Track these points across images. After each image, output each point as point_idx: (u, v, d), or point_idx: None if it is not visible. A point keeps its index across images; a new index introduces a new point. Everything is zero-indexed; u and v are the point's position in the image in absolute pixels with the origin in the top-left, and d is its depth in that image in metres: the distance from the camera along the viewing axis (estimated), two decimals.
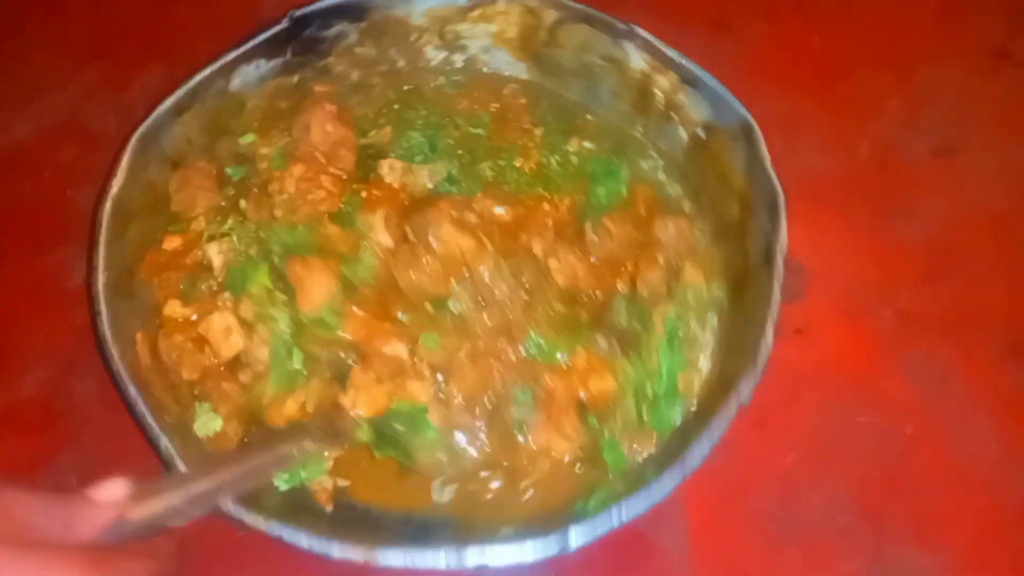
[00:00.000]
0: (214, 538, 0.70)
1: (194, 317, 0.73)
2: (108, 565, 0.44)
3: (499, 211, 0.78)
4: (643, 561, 0.72)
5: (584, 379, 0.72)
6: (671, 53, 0.79)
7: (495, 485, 0.71)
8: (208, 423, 0.70)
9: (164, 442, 0.63)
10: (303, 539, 0.60)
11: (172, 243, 0.77)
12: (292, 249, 0.74)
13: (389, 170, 0.81)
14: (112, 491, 0.48)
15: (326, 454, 0.70)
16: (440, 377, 0.72)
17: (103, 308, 0.67)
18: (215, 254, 0.75)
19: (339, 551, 0.60)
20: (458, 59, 0.91)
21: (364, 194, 0.79)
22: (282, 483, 0.69)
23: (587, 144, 0.86)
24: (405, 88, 0.89)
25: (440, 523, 0.70)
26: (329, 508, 0.69)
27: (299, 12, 0.81)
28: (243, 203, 0.79)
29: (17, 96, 0.95)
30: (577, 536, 0.61)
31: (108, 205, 0.72)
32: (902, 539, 0.73)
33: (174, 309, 0.74)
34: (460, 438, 0.71)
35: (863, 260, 0.85)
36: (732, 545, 0.73)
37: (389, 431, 0.70)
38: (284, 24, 0.80)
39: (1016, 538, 0.73)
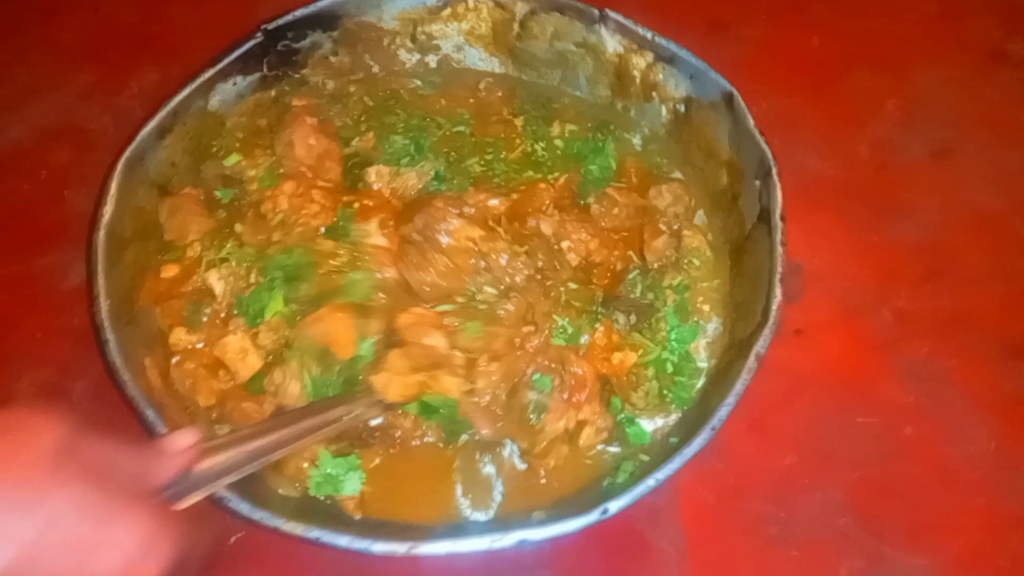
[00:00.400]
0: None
1: (200, 345, 0.74)
2: (173, 524, 0.45)
3: (494, 203, 0.79)
4: (640, 561, 0.72)
5: (607, 355, 0.73)
6: (645, 33, 0.80)
7: (520, 467, 0.72)
8: None
9: None
10: (343, 540, 0.60)
11: (170, 271, 0.77)
12: (292, 272, 0.75)
13: (376, 176, 0.81)
14: (183, 440, 0.51)
15: (372, 419, 0.71)
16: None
17: (110, 336, 0.67)
18: (215, 280, 0.75)
19: (381, 547, 0.60)
20: (432, 60, 0.91)
21: (357, 205, 0.79)
22: (313, 488, 0.69)
23: (570, 126, 0.87)
24: (382, 94, 0.90)
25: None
26: (358, 516, 0.69)
27: (271, 24, 0.81)
28: (238, 227, 0.78)
29: (13, 97, 0.95)
30: (616, 503, 0.61)
31: (102, 233, 0.71)
32: (900, 540, 0.73)
33: (180, 337, 0.74)
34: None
35: (861, 261, 0.86)
36: (729, 546, 0.73)
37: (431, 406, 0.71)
38: (257, 38, 0.81)
39: (1013, 540, 0.73)
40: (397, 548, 0.60)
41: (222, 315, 0.75)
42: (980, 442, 0.77)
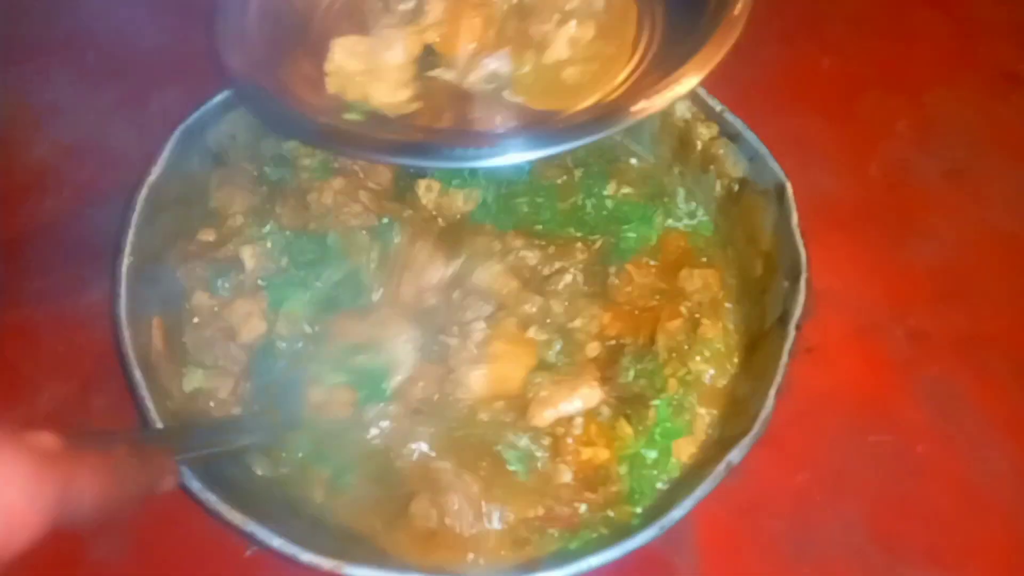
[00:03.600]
0: (222, 557, 0.71)
1: (217, 309, 0.75)
2: (61, 472, 0.39)
3: (528, 254, 0.79)
4: None
5: (578, 447, 0.70)
6: (715, 104, 0.79)
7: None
8: (193, 381, 0.72)
9: (159, 426, 0.64)
10: (363, 571, 0.60)
11: (206, 235, 0.79)
12: (320, 255, 0.76)
13: (426, 191, 0.81)
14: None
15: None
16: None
17: (122, 291, 0.69)
18: (248, 256, 0.77)
19: None
20: None
21: (406, 213, 0.80)
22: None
23: (625, 189, 0.85)
24: None
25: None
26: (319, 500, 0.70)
27: None
28: (278, 208, 0.80)
29: (37, 115, 0.96)
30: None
31: (144, 191, 0.73)
32: (915, 560, 0.73)
33: (202, 300, 0.75)
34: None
35: (874, 280, 0.86)
36: (744, 565, 0.73)
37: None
38: None
39: None
40: None
41: (247, 287, 0.76)
42: (994, 461, 0.77)
